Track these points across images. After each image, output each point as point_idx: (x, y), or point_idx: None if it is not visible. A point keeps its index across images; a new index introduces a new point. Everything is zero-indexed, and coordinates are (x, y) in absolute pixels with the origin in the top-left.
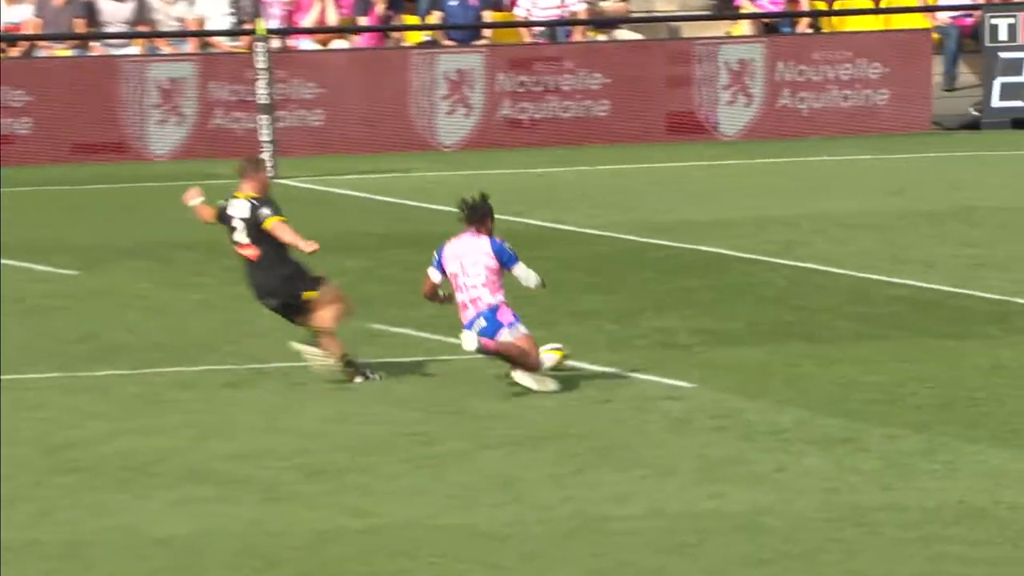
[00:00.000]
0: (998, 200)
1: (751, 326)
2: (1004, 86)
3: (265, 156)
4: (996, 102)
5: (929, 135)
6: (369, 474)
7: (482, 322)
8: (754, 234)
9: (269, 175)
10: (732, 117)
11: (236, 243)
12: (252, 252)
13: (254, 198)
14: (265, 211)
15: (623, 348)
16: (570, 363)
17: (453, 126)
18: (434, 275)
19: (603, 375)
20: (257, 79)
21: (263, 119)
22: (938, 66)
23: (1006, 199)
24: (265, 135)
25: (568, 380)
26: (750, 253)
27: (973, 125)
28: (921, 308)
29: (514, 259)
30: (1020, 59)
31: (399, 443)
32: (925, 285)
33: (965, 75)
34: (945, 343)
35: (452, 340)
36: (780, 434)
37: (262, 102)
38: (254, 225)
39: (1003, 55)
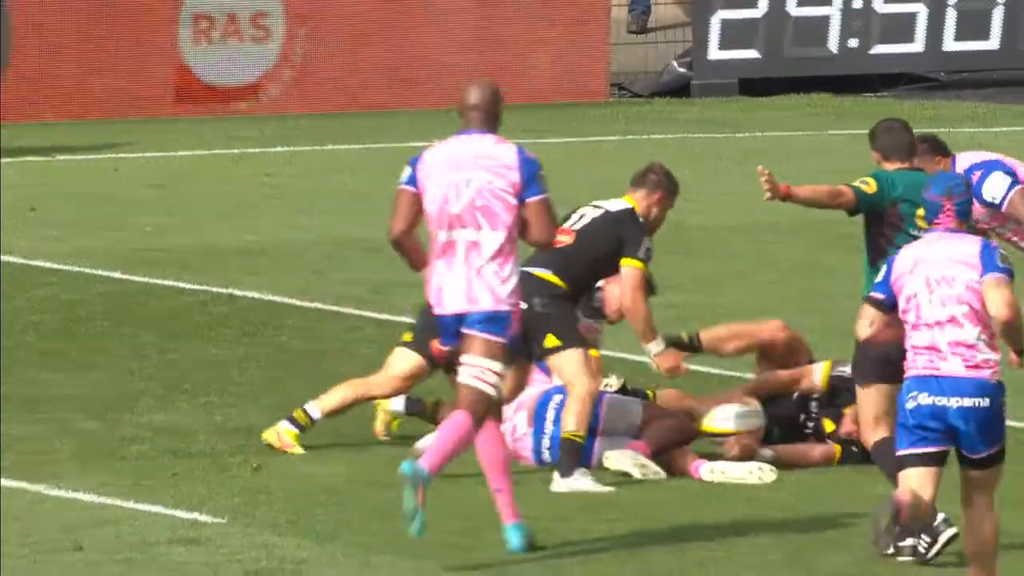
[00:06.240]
0: (721, 215)
1: None
2: (727, 26)
3: None
4: (714, 52)
5: (605, 105)
6: None
7: None
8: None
9: None
10: None
11: None
12: None
13: None
14: None
15: None
16: None
17: None
18: None
19: None
20: None
21: None
22: None
23: (735, 214)
24: None
25: None
26: None
27: (678, 89)
28: None
29: None
30: None
31: None
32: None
33: (664, 7)
34: None
35: None
36: None
37: None
38: None
39: None
